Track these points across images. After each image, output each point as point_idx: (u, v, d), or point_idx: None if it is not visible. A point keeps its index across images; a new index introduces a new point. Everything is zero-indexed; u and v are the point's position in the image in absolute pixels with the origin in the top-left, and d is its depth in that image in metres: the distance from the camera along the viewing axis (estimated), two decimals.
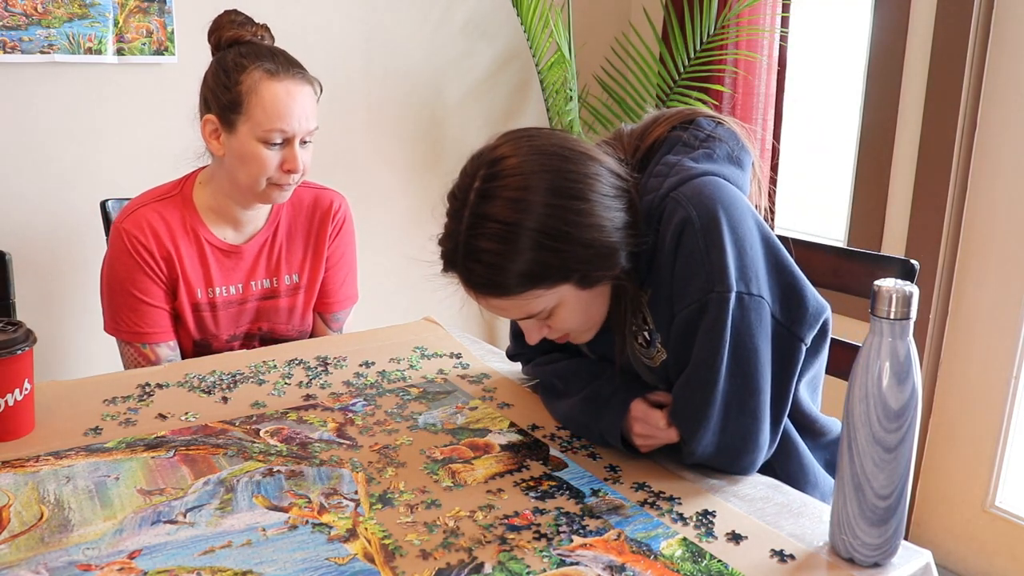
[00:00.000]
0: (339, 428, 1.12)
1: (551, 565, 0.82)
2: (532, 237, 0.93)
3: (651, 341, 1.05)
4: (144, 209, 1.44)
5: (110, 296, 1.46)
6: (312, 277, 1.59)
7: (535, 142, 0.98)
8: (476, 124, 2.69)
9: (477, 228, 0.95)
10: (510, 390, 1.26)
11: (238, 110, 1.37)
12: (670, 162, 1.03)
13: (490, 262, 0.94)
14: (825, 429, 1.14)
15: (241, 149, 1.38)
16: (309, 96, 1.41)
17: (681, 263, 0.97)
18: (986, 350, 2.04)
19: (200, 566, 0.81)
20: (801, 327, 1.00)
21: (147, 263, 1.43)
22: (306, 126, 1.40)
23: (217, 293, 1.49)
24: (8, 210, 2.01)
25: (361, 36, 2.41)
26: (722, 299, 0.95)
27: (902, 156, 2.13)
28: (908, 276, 1.23)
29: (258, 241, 1.52)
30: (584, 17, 2.73)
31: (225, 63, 1.40)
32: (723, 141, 1.06)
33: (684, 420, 0.99)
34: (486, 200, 0.95)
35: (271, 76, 1.37)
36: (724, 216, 0.96)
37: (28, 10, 1.90)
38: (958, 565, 2.16)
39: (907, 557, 0.85)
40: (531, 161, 0.96)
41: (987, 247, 2.02)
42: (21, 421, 1.07)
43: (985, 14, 1.94)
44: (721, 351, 0.95)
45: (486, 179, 0.96)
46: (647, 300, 1.04)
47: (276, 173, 1.40)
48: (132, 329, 1.44)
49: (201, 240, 1.47)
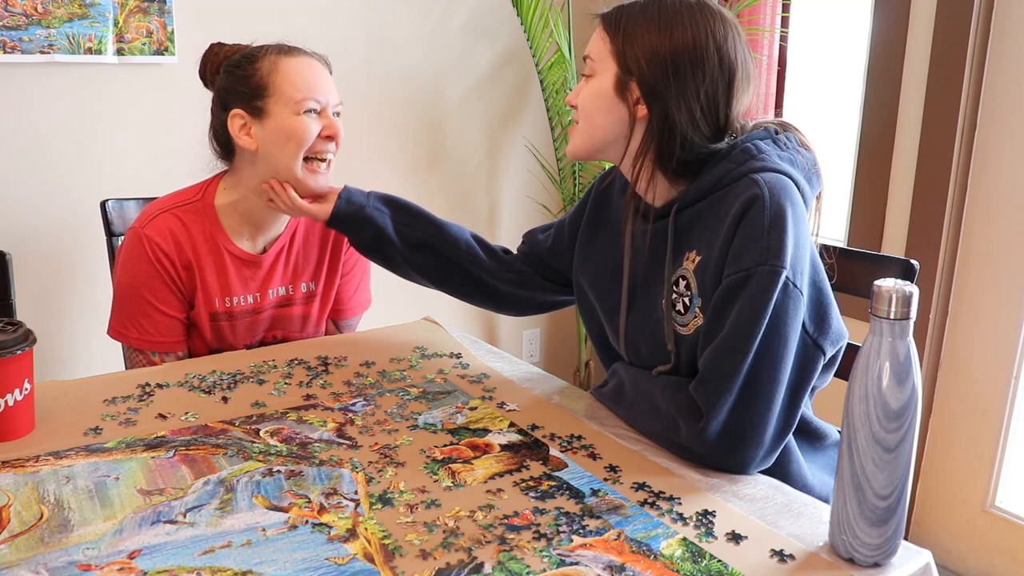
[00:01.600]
0: (339, 428, 1.12)
1: (551, 565, 0.82)
2: (654, 19, 1.06)
3: (690, 307, 1.07)
4: (166, 215, 1.41)
5: (123, 301, 1.42)
6: (328, 285, 1.57)
7: (733, 18, 1.11)
8: (476, 124, 2.69)
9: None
10: (510, 390, 1.26)
11: (264, 93, 1.36)
12: (760, 148, 1.08)
13: (625, 7, 1.09)
14: (820, 433, 1.15)
15: (278, 127, 1.36)
16: (326, 70, 1.42)
17: (742, 233, 1.01)
18: (986, 350, 2.04)
19: (200, 566, 0.81)
20: (824, 340, 1.04)
21: (167, 271, 1.40)
22: (334, 97, 1.40)
23: (235, 302, 1.47)
24: (8, 210, 2.01)
25: (361, 36, 2.41)
26: (773, 272, 0.98)
27: (902, 156, 2.13)
28: (908, 276, 1.23)
29: (276, 249, 1.50)
30: (584, 17, 2.72)
31: (234, 62, 1.40)
32: (805, 160, 1.11)
33: (708, 387, 1.00)
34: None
35: (286, 53, 1.38)
36: (791, 212, 1.00)
37: (28, 10, 1.90)
38: (958, 565, 2.16)
39: (907, 557, 0.85)
40: (728, 15, 1.09)
41: (987, 247, 2.02)
42: (21, 421, 1.07)
43: (985, 14, 1.94)
44: (760, 322, 0.98)
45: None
46: (694, 267, 1.07)
47: (317, 142, 1.38)
48: (144, 337, 1.41)
49: (221, 249, 1.44)
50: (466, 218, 2.76)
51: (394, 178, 2.57)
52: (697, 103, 1.06)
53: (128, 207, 1.67)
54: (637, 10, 1.08)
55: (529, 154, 2.80)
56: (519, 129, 2.78)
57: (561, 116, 2.56)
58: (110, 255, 1.65)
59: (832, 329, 1.05)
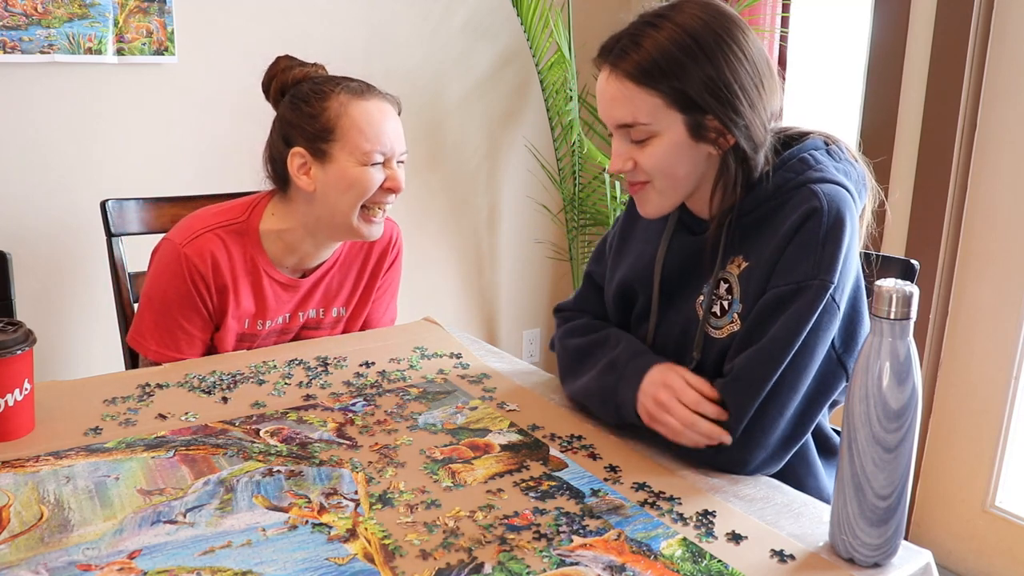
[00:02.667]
0: (339, 428, 1.12)
1: (551, 565, 0.82)
2: (693, 50, 1.00)
3: (728, 311, 1.06)
4: (209, 236, 1.37)
5: (150, 313, 1.39)
6: (358, 311, 1.56)
7: (726, 7, 1.06)
8: (476, 124, 2.69)
9: (657, 23, 1.02)
10: (510, 390, 1.26)
11: (330, 137, 1.32)
12: (818, 159, 1.07)
13: (648, 48, 1.01)
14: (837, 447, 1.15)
15: (340, 175, 1.33)
16: (396, 116, 1.39)
17: (796, 244, 1.00)
18: (986, 350, 2.04)
19: (200, 566, 0.81)
20: (848, 358, 1.03)
21: (200, 294, 1.37)
22: (400, 146, 1.38)
23: (267, 325, 1.45)
24: (8, 210, 2.01)
25: (361, 36, 2.41)
26: (823, 287, 0.98)
27: (902, 156, 2.13)
28: (908, 276, 1.23)
29: (316, 276, 1.48)
30: (584, 17, 2.73)
31: (303, 95, 1.35)
32: (856, 172, 1.10)
33: (739, 392, 1.00)
34: (677, 11, 1.03)
35: (358, 96, 1.34)
36: (849, 226, 1.00)
37: (28, 10, 1.90)
38: (958, 565, 2.16)
39: (907, 557, 0.85)
40: (728, 11, 1.04)
41: (987, 247, 2.02)
42: (21, 421, 1.07)
43: (985, 14, 1.94)
44: (800, 334, 0.98)
45: (685, 1, 1.04)
46: (739, 272, 1.06)
47: (378, 193, 1.36)
48: (162, 351, 1.39)
49: (260, 273, 1.41)
50: (466, 218, 2.76)
51: None
52: (762, 99, 1.04)
53: (128, 207, 1.66)
54: (667, 47, 1.01)
55: (529, 154, 2.80)
56: (519, 129, 2.78)
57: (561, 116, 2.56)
58: (110, 255, 1.65)
59: (858, 346, 1.03)
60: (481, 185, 2.77)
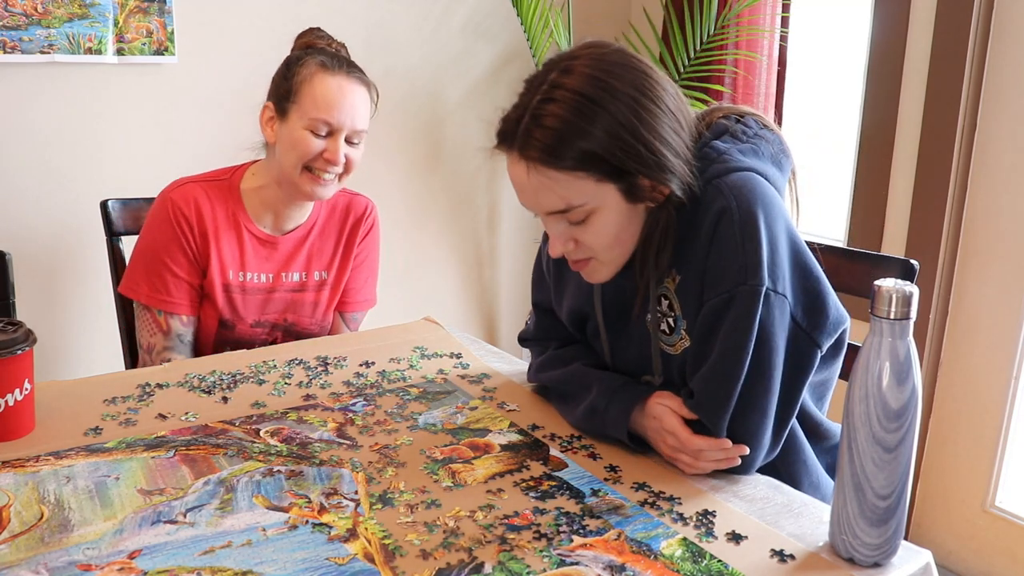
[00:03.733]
0: (339, 428, 1.12)
1: (551, 565, 0.82)
2: (605, 119, 0.93)
3: (675, 328, 1.06)
4: (193, 185, 1.50)
5: (140, 259, 1.49)
6: (339, 276, 1.63)
7: (624, 52, 0.99)
8: (476, 124, 2.69)
9: (553, 95, 0.95)
10: (510, 390, 1.26)
11: (291, 98, 1.43)
12: (719, 148, 1.04)
13: (556, 128, 0.94)
14: (828, 433, 1.14)
15: (289, 135, 1.43)
16: (362, 97, 1.47)
17: (715, 252, 0.98)
18: (986, 350, 2.04)
19: (200, 566, 0.81)
20: (820, 334, 1.01)
21: (184, 235, 1.46)
22: (352, 124, 1.45)
23: (248, 278, 1.53)
24: (8, 210, 2.01)
25: (361, 36, 2.41)
26: (753, 292, 0.96)
27: (902, 156, 2.13)
28: (908, 276, 1.23)
29: (295, 236, 1.57)
30: (584, 17, 2.73)
31: (289, 58, 1.49)
32: (769, 143, 1.08)
33: (706, 412, 0.99)
34: (568, 74, 0.95)
35: (324, 69, 1.44)
36: (762, 213, 0.97)
37: (28, 10, 1.90)
38: (958, 565, 2.16)
39: (907, 557, 0.85)
40: (619, 58, 0.97)
41: (987, 247, 2.02)
42: (21, 421, 1.07)
43: (985, 14, 1.94)
44: (748, 344, 0.96)
45: (571, 58, 0.97)
46: (675, 287, 1.05)
47: (317, 161, 1.44)
48: (154, 295, 1.48)
49: (241, 227, 1.51)
50: (466, 218, 2.76)
51: (394, 178, 2.56)
52: (683, 147, 0.99)
53: (128, 207, 1.67)
54: (571, 119, 0.93)
55: None
56: None
57: None
58: (110, 255, 1.65)
59: (827, 317, 1.00)
60: (481, 185, 2.77)
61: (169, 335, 1.48)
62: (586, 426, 1.11)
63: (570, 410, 1.15)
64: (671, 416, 1.02)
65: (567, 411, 1.16)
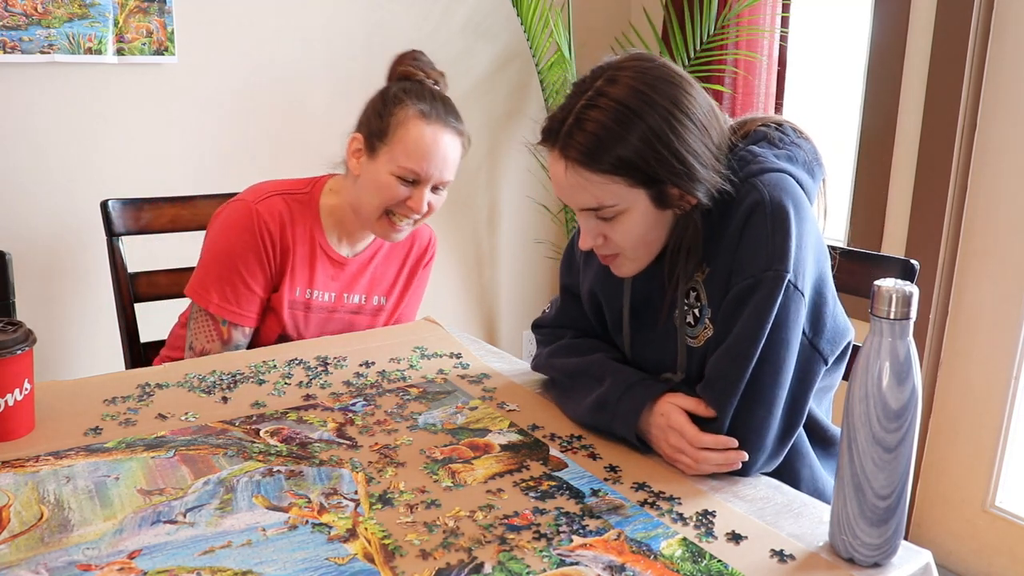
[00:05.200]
0: (339, 428, 1.12)
1: (551, 565, 0.82)
2: (642, 129, 0.98)
3: (700, 318, 1.07)
4: (279, 198, 1.48)
5: (214, 265, 1.47)
6: (397, 303, 1.64)
7: (667, 67, 1.04)
8: (476, 124, 2.69)
9: (597, 102, 1.00)
10: (510, 390, 1.26)
11: (383, 139, 1.42)
12: (754, 152, 1.08)
13: (595, 133, 0.99)
14: (835, 439, 1.15)
15: (375, 175, 1.43)
16: (454, 148, 1.46)
17: (746, 241, 1.01)
18: (986, 350, 2.04)
19: (200, 566, 0.81)
20: (820, 341, 1.03)
21: (266, 249, 1.45)
22: (440, 176, 1.44)
23: (315, 296, 1.52)
24: (8, 210, 2.01)
25: (361, 36, 2.41)
26: (777, 278, 0.98)
27: (902, 156, 2.13)
28: (908, 276, 1.23)
29: (361, 258, 1.57)
30: (584, 17, 2.73)
31: (388, 92, 1.46)
32: (803, 151, 1.11)
33: (716, 393, 1.00)
34: (613, 84, 1.01)
35: (422, 117, 1.42)
36: (792, 209, 1.00)
37: (28, 10, 1.90)
38: (958, 565, 2.16)
39: (907, 557, 0.85)
40: (661, 72, 1.02)
41: (987, 247, 2.02)
42: (21, 421, 1.07)
43: (985, 14, 1.94)
44: (764, 327, 0.98)
45: (618, 68, 1.02)
46: (703, 278, 1.07)
47: (399, 207, 1.44)
48: (224, 305, 1.45)
49: (315, 243, 1.50)
50: (466, 218, 2.76)
51: None
52: (707, 147, 1.03)
53: (128, 207, 1.67)
54: (610, 125, 0.99)
55: (529, 154, 2.80)
56: (519, 129, 2.78)
57: None
58: (110, 255, 1.65)
59: (828, 327, 1.04)
60: (481, 185, 2.77)
61: (228, 344, 1.46)
62: (592, 419, 1.11)
63: (575, 403, 1.14)
64: (678, 413, 1.02)
65: (571, 404, 1.16)
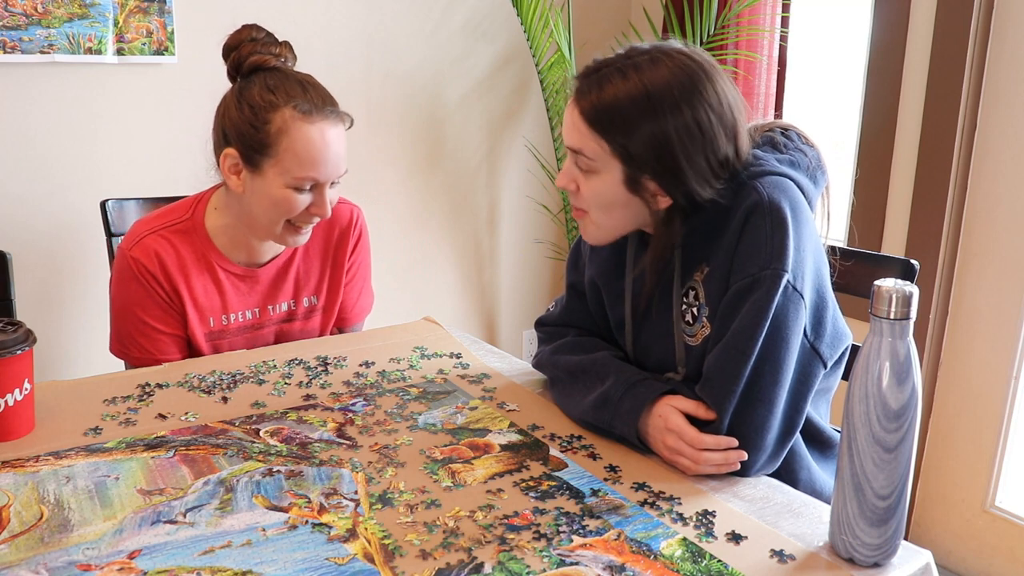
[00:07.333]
0: (339, 428, 1.12)
1: (551, 565, 0.82)
2: (652, 128, 1.01)
3: (698, 316, 1.08)
4: (153, 237, 1.36)
5: (119, 320, 1.40)
6: (331, 298, 1.53)
7: (711, 73, 1.05)
8: (476, 124, 2.69)
9: (628, 75, 1.02)
10: (510, 390, 1.26)
11: (266, 152, 1.28)
12: (758, 155, 1.10)
13: (609, 98, 1.02)
14: (833, 442, 1.15)
15: (266, 191, 1.30)
16: (342, 137, 1.33)
17: (744, 240, 1.02)
18: (986, 350, 2.04)
19: (200, 566, 0.81)
20: (821, 344, 1.03)
21: (156, 290, 1.37)
22: (337, 171, 1.33)
23: (232, 319, 1.44)
24: (8, 210, 2.01)
25: (361, 36, 2.41)
26: (776, 276, 0.99)
27: (902, 156, 2.13)
28: (908, 276, 1.23)
29: (276, 264, 1.46)
30: (584, 17, 2.73)
31: (251, 97, 1.30)
32: (807, 157, 1.12)
33: (714, 390, 1.01)
34: (654, 65, 1.03)
35: (304, 117, 1.28)
36: (791, 211, 1.02)
37: (28, 10, 1.90)
38: (958, 565, 2.16)
39: (907, 557, 0.85)
40: (699, 78, 1.03)
41: (987, 247, 2.02)
42: (21, 421, 1.07)
43: (985, 14, 1.94)
44: (762, 325, 0.99)
45: (666, 54, 1.04)
46: (702, 277, 1.08)
47: (301, 216, 1.34)
48: (145, 356, 1.39)
49: (215, 267, 1.40)
50: (466, 218, 2.76)
51: (394, 178, 2.57)
52: (709, 164, 1.03)
53: (128, 207, 1.67)
54: (625, 103, 1.02)
55: (529, 154, 2.80)
56: (519, 129, 2.78)
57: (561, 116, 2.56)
58: (110, 255, 1.65)
59: (829, 331, 1.05)
60: (481, 185, 2.77)
61: None
62: (594, 417, 1.10)
63: (576, 401, 1.14)
64: (676, 415, 1.02)
65: (572, 402, 1.15)
